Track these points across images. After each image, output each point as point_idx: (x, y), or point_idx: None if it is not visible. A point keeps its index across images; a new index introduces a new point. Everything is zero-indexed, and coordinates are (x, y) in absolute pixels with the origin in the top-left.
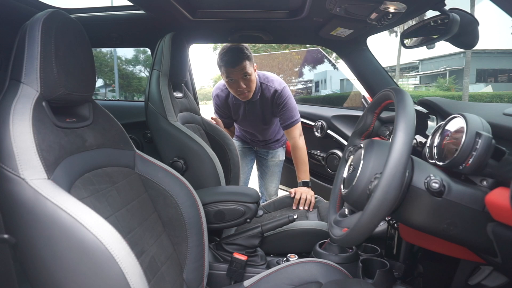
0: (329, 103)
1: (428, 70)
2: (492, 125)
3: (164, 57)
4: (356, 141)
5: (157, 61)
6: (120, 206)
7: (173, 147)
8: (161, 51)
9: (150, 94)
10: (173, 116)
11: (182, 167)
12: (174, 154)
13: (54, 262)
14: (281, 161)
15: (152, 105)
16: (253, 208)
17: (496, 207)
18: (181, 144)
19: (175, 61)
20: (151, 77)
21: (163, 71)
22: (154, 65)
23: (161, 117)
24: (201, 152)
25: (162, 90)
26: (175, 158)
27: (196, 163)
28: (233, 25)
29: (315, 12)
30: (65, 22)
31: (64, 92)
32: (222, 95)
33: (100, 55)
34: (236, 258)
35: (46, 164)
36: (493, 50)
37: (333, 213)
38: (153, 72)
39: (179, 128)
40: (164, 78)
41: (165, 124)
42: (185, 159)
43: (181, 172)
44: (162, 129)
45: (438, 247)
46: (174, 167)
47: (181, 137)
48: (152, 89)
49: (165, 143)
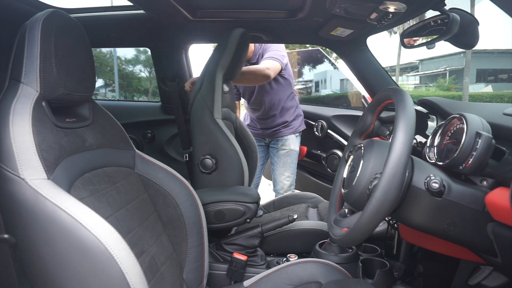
0: (329, 103)
1: (428, 70)
2: (492, 125)
3: (227, 51)
4: (356, 141)
5: (217, 53)
6: (120, 206)
7: (208, 143)
8: (225, 44)
9: (203, 85)
10: (219, 113)
11: (212, 166)
12: (207, 151)
13: (54, 262)
14: (292, 150)
15: (202, 96)
16: (253, 208)
17: (496, 207)
18: (217, 144)
19: (236, 57)
20: (208, 68)
21: (221, 64)
22: (213, 56)
23: (208, 111)
24: (234, 156)
25: (217, 84)
26: (207, 156)
27: (227, 165)
28: (233, 25)
29: (315, 12)
30: (65, 22)
31: (64, 92)
32: None
33: (100, 55)
34: (236, 258)
35: (46, 164)
36: (493, 50)
37: (333, 213)
38: (211, 63)
39: (221, 127)
40: (220, 72)
41: (209, 119)
42: (217, 159)
43: (209, 170)
44: (204, 123)
45: (438, 247)
46: (204, 163)
47: (220, 137)
48: (207, 80)
49: (202, 137)
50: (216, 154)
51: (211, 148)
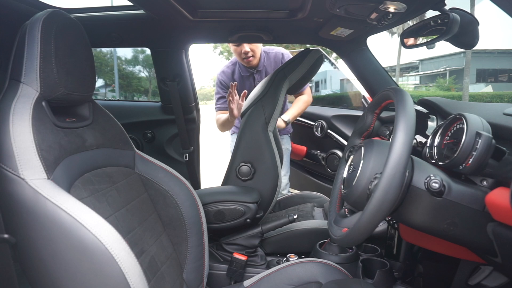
0: (329, 103)
1: (428, 70)
2: (492, 125)
3: (300, 68)
4: (356, 141)
5: (291, 66)
6: (120, 206)
7: (252, 152)
8: (298, 62)
9: (267, 94)
10: (272, 126)
11: (249, 175)
12: (248, 158)
13: (54, 262)
14: (288, 149)
15: (264, 104)
16: (253, 208)
17: (496, 207)
18: (261, 156)
19: (306, 76)
20: (276, 79)
21: (290, 79)
22: (285, 69)
23: (263, 121)
24: (273, 172)
25: (280, 97)
26: (248, 164)
27: (264, 179)
28: (233, 25)
29: (315, 12)
30: (65, 22)
31: (64, 92)
32: (228, 71)
33: (100, 55)
34: (236, 258)
35: (46, 164)
36: (493, 50)
37: (333, 213)
38: (280, 76)
39: (270, 141)
40: (286, 86)
41: (261, 129)
42: (255, 170)
43: (245, 178)
44: (255, 131)
45: (438, 247)
46: (242, 170)
47: (266, 150)
48: (273, 91)
49: (248, 144)
50: (257, 165)
51: (253, 157)
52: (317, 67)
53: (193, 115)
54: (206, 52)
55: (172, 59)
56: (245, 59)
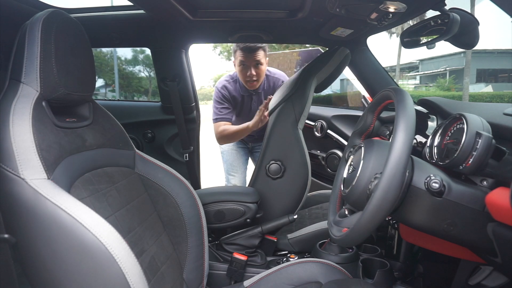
0: (329, 103)
1: (428, 70)
2: (492, 125)
3: (328, 66)
4: (356, 141)
5: (319, 65)
6: (120, 206)
7: (283, 150)
8: (327, 60)
9: (297, 92)
10: (302, 124)
11: (279, 173)
12: (278, 157)
13: (54, 262)
14: None
15: (294, 102)
16: (253, 208)
17: (496, 207)
18: (291, 154)
19: (334, 74)
20: (304, 77)
21: (318, 76)
22: (313, 67)
23: (294, 119)
24: (303, 171)
25: (310, 96)
26: (278, 162)
27: (294, 177)
28: (233, 25)
29: (315, 12)
30: (65, 22)
31: (64, 92)
32: (230, 87)
33: (100, 55)
34: (236, 258)
35: (46, 164)
36: (493, 50)
37: (333, 213)
38: (308, 74)
39: (300, 139)
40: (314, 84)
41: (292, 127)
42: (285, 168)
43: (275, 176)
44: (285, 129)
45: (438, 247)
46: (272, 168)
47: (296, 148)
48: (302, 89)
49: (278, 142)
50: (287, 163)
51: (284, 155)
52: (344, 64)
53: (193, 115)
54: (206, 52)
55: (172, 59)
56: (249, 82)
